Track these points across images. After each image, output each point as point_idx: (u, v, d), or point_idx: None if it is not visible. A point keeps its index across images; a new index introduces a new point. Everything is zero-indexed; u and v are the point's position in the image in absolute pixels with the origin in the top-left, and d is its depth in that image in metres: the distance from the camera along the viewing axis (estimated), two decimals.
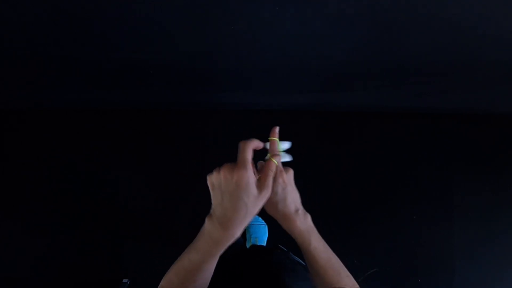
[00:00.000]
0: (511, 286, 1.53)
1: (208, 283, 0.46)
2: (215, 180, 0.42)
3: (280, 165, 0.47)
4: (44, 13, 0.88)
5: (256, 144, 0.44)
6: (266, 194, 0.42)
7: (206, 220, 0.44)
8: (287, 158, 0.50)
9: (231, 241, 0.42)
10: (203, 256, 0.43)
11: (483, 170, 1.60)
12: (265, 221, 1.47)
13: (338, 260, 0.50)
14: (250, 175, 0.40)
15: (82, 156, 1.55)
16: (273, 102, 1.54)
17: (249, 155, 0.41)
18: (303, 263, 0.67)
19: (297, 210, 0.48)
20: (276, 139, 0.47)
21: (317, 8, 0.87)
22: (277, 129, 0.47)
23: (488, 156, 1.61)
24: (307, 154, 1.56)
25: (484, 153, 1.61)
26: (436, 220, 1.57)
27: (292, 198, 0.48)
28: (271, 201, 0.46)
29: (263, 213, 0.53)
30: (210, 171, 0.44)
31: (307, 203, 0.61)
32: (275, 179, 0.45)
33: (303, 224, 0.48)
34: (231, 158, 0.52)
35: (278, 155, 0.46)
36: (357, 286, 0.49)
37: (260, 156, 0.50)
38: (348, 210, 1.56)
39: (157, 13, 0.90)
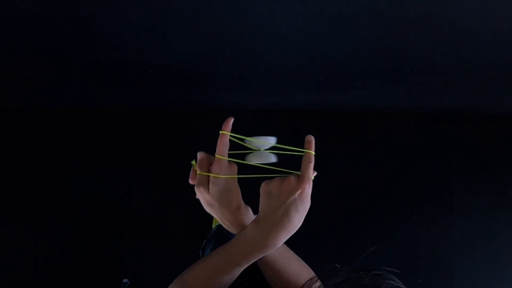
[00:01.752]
0: (511, 286, 1.53)
1: (230, 283, 0.46)
2: (275, 189, 0.43)
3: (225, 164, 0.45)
4: (44, 13, 0.88)
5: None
6: (308, 206, 0.44)
7: (252, 224, 0.44)
8: (272, 158, 0.47)
9: (272, 249, 0.43)
10: (240, 260, 0.44)
11: (483, 170, 1.60)
12: None
13: (286, 247, 0.51)
14: (310, 190, 0.43)
15: (82, 156, 1.55)
16: (273, 102, 1.54)
17: (312, 171, 0.44)
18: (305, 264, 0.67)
19: (238, 207, 0.46)
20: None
21: (317, 8, 0.87)
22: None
23: (488, 156, 1.60)
24: None
25: (484, 153, 1.61)
26: (436, 220, 1.56)
27: (232, 196, 0.46)
28: (209, 203, 0.46)
29: None
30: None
31: None
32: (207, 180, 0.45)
33: (247, 218, 0.47)
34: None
35: (314, 172, 0.46)
36: (308, 267, 0.51)
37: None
38: (348, 210, 1.56)
39: (157, 14, 0.90)
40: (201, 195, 0.46)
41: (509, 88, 1.32)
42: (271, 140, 0.47)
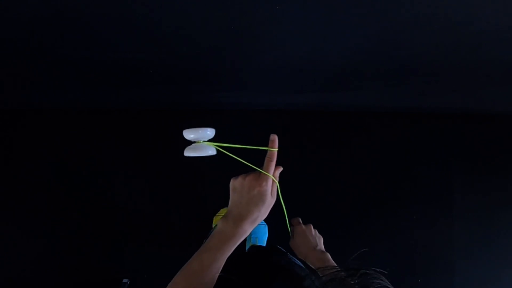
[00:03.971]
0: (510, 286, 1.53)
1: None
2: (238, 184, 0.48)
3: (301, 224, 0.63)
4: (44, 13, 0.88)
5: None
6: (273, 201, 0.50)
7: (221, 221, 0.49)
8: (209, 151, 0.49)
9: (242, 237, 0.48)
10: (215, 254, 0.46)
11: (483, 170, 1.60)
12: (265, 222, 1.47)
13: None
14: (269, 186, 0.48)
15: (82, 156, 1.55)
16: (273, 102, 1.54)
17: (273, 169, 0.49)
18: (301, 264, 0.67)
19: (314, 248, 0.66)
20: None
21: (317, 8, 0.87)
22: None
23: (488, 156, 1.60)
24: (307, 154, 1.56)
25: (484, 153, 1.61)
26: (436, 220, 1.56)
27: (311, 243, 0.68)
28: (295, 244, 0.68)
29: None
30: (209, 171, 0.46)
31: (307, 203, 0.62)
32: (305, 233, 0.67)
33: (319, 256, 0.65)
34: (231, 157, 0.53)
35: (279, 168, 0.51)
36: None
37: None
38: (348, 210, 1.56)
39: (157, 13, 0.90)
40: None
41: (509, 88, 1.32)
42: (208, 132, 0.49)
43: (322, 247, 0.68)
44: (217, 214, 1.45)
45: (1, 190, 1.53)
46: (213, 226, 1.40)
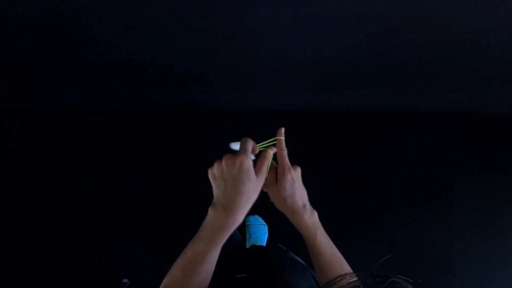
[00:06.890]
0: (510, 286, 1.53)
1: (210, 278, 0.47)
2: (216, 170, 0.46)
3: (288, 163, 0.49)
4: (44, 13, 0.88)
5: (253, 143, 0.48)
6: (263, 179, 0.47)
7: (210, 209, 0.46)
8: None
9: (234, 226, 0.45)
10: (208, 244, 0.45)
11: (483, 170, 1.60)
12: (265, 222, 1.47)
13: (343, 258, 0.52)
14: (250, 162, 0.45)
15: (83, 156, 1.55)
16: (273, 102, 1.54)
17: (249, 147, 0.46)
18: (302, 262, 0.67)
19: (304, 206, 0.51)
20: (282, 138, 0.49)
21: (317, 8, 0.87)
22: (282, 130, 0.50)
23: (488, 156, 1.60)
24: (307, 154, 1.55)
25: (484, 153, 1.61)
26: (436, 220, 1.56)
27: (300, 194, 0.51)
28: (280, 196, 0.50)
29: (263, 214, 0.53)
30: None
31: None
32: (283, 176, 0.48)
33: (310, 219, 0.51)
34: None
35: (273, 148, 0.49)
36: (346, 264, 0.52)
37: None
38: (348, 210, 1.56)
39: (157, 14, 0.90)
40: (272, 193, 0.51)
41: (509, 88, 1.32)
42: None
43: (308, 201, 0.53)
44: None
45: (1, 190, 1.53)
46: None
